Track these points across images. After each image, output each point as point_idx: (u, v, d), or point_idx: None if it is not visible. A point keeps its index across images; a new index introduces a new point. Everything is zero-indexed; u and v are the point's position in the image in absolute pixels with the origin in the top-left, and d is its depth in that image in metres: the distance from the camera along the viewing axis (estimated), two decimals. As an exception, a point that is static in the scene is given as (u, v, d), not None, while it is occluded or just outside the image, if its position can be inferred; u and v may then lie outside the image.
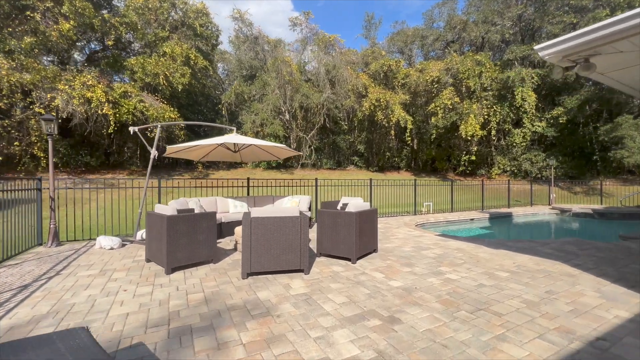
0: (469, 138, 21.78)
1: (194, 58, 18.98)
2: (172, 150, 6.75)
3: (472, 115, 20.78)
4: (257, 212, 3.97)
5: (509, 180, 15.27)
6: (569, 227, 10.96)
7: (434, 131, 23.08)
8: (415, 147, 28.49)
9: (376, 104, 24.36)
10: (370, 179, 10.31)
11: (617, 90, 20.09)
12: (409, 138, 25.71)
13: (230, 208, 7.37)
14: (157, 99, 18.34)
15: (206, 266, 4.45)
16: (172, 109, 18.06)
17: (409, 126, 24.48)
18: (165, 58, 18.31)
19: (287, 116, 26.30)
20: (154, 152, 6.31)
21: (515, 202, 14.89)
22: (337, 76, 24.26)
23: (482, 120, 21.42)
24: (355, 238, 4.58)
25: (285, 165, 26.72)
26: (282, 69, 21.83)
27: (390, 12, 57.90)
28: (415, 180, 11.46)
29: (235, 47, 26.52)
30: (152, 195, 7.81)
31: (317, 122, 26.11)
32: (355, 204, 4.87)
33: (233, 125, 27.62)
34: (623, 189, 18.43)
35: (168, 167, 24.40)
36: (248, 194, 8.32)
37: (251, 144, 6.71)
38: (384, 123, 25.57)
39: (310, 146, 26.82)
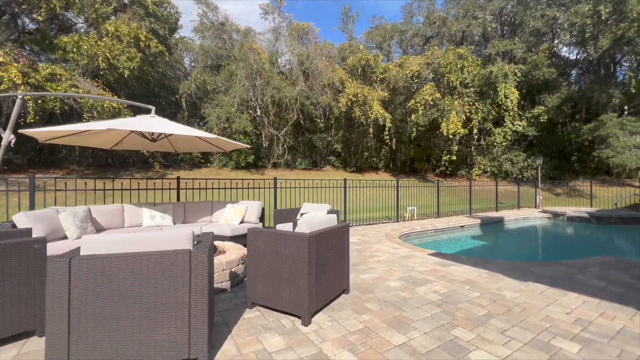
0: (451, 136, 20.61)
1: (144, 40, 16.32)
2: (47, 135, 4.50)
3: (453, 112, 19.60)
4: (94, 242, 1.89)
5: (496, 182, 14.01)
6: (572, 234, 9.67)
7: (414, 129, 21.77)
8: (394, 146, 27.16)
9: (353, 99, 22.69)
10: (345, 179, 8.46)
11: (599, 89, 19.81)
12: (388, 137, 24.28)
13: (145, 219, 5.20)
14: (99, 86, 15.54)
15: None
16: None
17: (388, 124, 23.01)
18: (109, 38, 15.55)
19: (259, 112, 24.09)
20: (6, 136, 4.04)
21: (500, 205, 13.66)
22: (311, 68, 22.36)
23: (464, 118, 20.32)
24: (308, 281, 2.63)
25: (256, 164, 24.48)
26: (250, 57, 19.60)
27: (368, 8, 56.94)
28: (397, 181, 9.75)
29: (199, 34, 23.91)
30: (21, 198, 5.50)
31: (291, 119, 24.07)
32: (313, 218, 2.93)
33: (195, 119, 25.04)
34: (601, 190, 17.84)
35: (119, 166, 21.42)
36: (178, 198, 6.16)
37: (172, 134, 4.57)
38: (361, 120, 23.96)
39: (283, 144, 24.74)
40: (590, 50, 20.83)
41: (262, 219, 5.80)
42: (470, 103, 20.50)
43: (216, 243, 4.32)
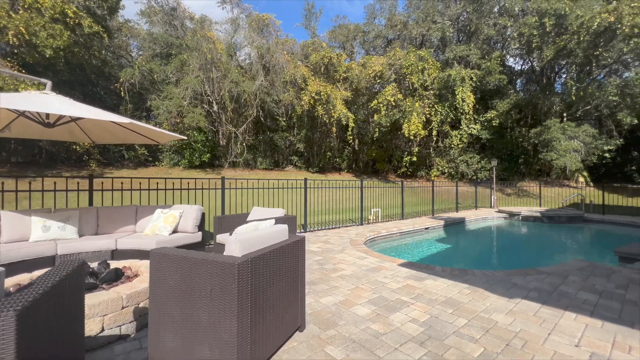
0: (412, 137, 20.81)
1: (73, 16, 13.95)
2: None
3: (414, 114, 19.79)
4: None
5: (457, 183, 14.15)
6: (532, 235, 9.80)
7: (377, 129, 21.67)
8: (356, 147, 27.00)
9: (316, 97, 22.02)
10: (305, 179, 7.60)
11: (543, 97, 21.30)
12: (351, 137, 24.02)
13: (35, 232, 3.86)
14: (13, 67, 12.94)
15: None
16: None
17: (351, 124, 22.70)
18: (26, 10, 13.03)
19: (215, 107, 22.37)
20: None
21: (459, 205, 13.80)
22: (272, 62, 21.25)
23: (424, 120, 20.65)
24: (238, 328, 1.72)
25: (212, 164, 22.72)
26: (204, 46, 17.94)
27: (332, 9, 56.98)
28: (361, 182, 9.14)
29: (146, 18, 21.53)
30: None
31: (250, 116, 22.71)
32: (251, 233, 2.03)
33: (140, 113, 22.52)
34: (545, 190, 19.02)
35: (47, 163, 18.37)
36: (90, 202, 4.82)
37: (79, 117, 3.32)
38: (324, 119, 23.37)
39: (242, 143, 23.27)
40: (534, 60, 22.43)
41: (202, 227, 4.71)
42: (430, 105, 20.90)
43: (129, 263, 3.20)
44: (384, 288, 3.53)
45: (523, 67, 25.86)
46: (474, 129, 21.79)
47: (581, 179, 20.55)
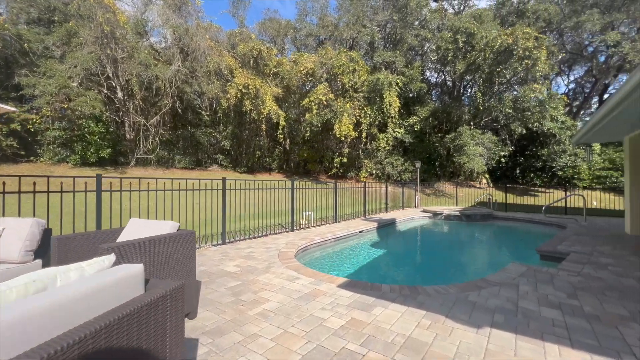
0: (343, 138, 20.77)
1: None
2: None
3: (345, 115, 19.75)
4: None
5: (386, 184, 14.28)
6: (455, 233, 10.12)
7: (308, 129, 21.02)
8: (287, 147, 25.97)
9: (244, 91, 20.26)
10: (224, 179, 6.20)
11: (456, 106, 23.63)
12: (282, 136, 22.86)
13: None
14: None
15: None
16: None
17: (282, 122, 21.59)
18: None
19: (119, 93, 18.67)
20: None
21: (384, 205, 13.97)
22: (191, 46, 18.72)
23: (354, 121, 20.82)
24: None
25: (115, 161, 18.91)
26: (99, 15, 14.57)
27: (262, 4, 54.82)
28: (292, 182, 8.12)
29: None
30: None
31: (165, 106, 19.65)
32: (39, 297, 0.72)
33: (9, 93, 17.39)
34: (459, 191, 21.00)
35: None
36: None
37: None
38: (253, 116, 21.74)
39: (155, 137, 19.98)
40: (448, 74, 24.87)
41: (44, 252, 3.00)
42: (360, 107, 21.19)
43: None
44: (322, 330, 2.53)
45: (437, 79, 28.57)
46: (399, 132, 22.94)
47: (484, 180, 23.44)
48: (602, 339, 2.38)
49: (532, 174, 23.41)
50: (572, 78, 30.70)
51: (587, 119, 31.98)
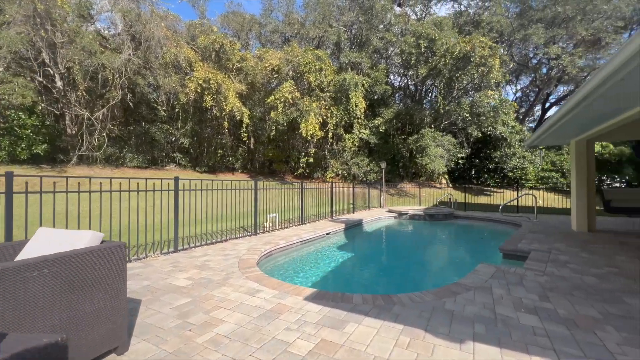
0: (309, 138, 20.44)
1: None
2: None
3: (312, 114, 19.44)
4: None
5: (353, 184, 14.18)
6: (421, 233, 10.20)
7: (274, 127, 20.37)
8: (252, 146, 25.04)
9: (204, 85, 19.10)
10: (176, 178, 5.51)
11: (418, 109, 24.42)
12: (246, 135, 21.95)
13: None
14: None
15: None
16: None
17: (246, 120, 20.72)
18: None
19: (59, 82, 16.59)
20: None
21: (350, 205, 13.88)
22: (145, 34, 17.19)
23: (321, 121, 20.59)
24: None
25: (52, 158, 16.79)
26: (30, -10, 12.70)
27: None
28: (255, 182, 7.57)
29: None
30: None
31: (114, 98, 17.82)
32: None
33: None
34: (420, 190, 21.62)
35: None
36: None
37: None
38: (215, 112, 20.60)
39: (101, 132, 18.07)
40: (411, 78, 25.67)
41: None
42: (327, 107, 21.02)
43: None
44: (287, 357, 2.12)
45: (401, 83, 29.41)
46: (365, 133, 23.16)
47: (444, 181, 24.50)
48: (585, 348, 2.25)
49: (485, 175, 24.94)
50: (519, 87, 33.40)
51: (532, 125, 35.02)
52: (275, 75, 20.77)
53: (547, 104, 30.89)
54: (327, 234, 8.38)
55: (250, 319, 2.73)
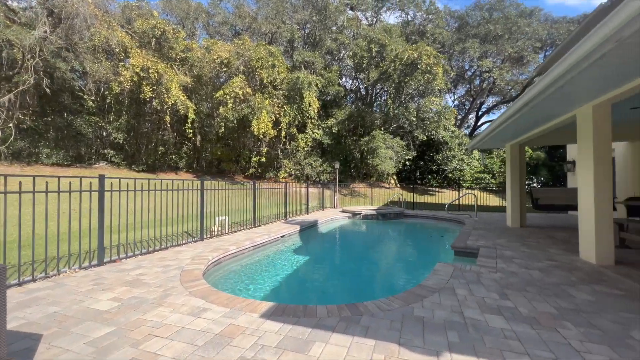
0: (261, 136, 19.66)
1: None
2: None
3: (264, 111, 18.72)
4: None
5: (307, 184, 13.90)
6: (376, 233, 10.27)
7: (223, 124, 19.15)
8: (198, 144, 23.31)
9: (142, 74, 17.19)
10: (102, 176, 4.60)
11: (369, 112, 25.14)
12: (191, 132, 20.32)
13: None
14: None
15: None
16: None
17: (191, 115, 19.18)
18: None
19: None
20: None
21: (304, 206, 13.60)
22: (66, 9, 14.81)
23: (274, 119, 19.95)
24: None
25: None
26: None
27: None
28: (202, 182, 6.80)
29: None
30: None
31: (25, 82, 15.03)
32: None
33: None
34: (371, 190, 22.26)
35: None
36: None
37: None
38: (155, 105, 18.68)
39: (8, 122, 15.14)
40: (362, 81, 26.38)
41: None
42: (280, 105, 20.45)
43: None
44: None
45: (352, 86, 30.10)
46: (318, 134, 23.10)
47: (392, 181, 25.61)
48: (554, 348, 2.22)
49: (429, 176, 26.71)
50: (456, 96, 36.59)
51: (466, 131, 38.63)
52: (225, 69, 19.58)
53: (480, 112, 34.33)
54: (282, 236, 7.94)
55: (194, 349, 2.21)
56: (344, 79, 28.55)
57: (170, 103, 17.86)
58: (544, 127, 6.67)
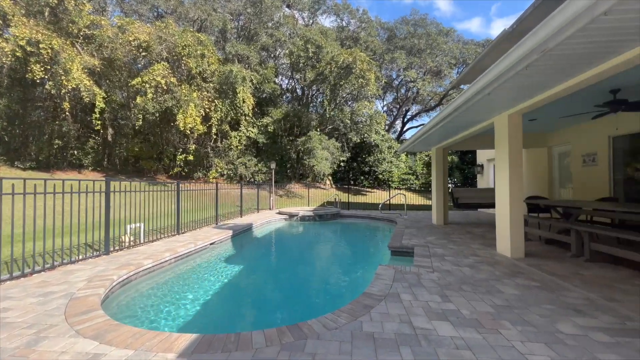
0: (188, 132, 17.84)
1: None
2: None
3: (192, 105, 16.99)
4: None
5: (241, 185, 13.02)
6: (314, 235, 9.99)
7: (141, 116, 16.75)
8: (109, 138, 20.05)
9: (30, 49, 13.94)
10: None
11: (305, 112, 25.03)
12: (100, 123, 17.32)
13: None
14: None
15: None
16: None
17: (100, 104, 16.34)
18: None
19: None
20: None
21: (237, 208, 12.72)
22: None
23: (203, 114, 18.29)
24: None
25: None
26: None
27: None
28: (107, 183, 5.57)
29: None
30: None
31: None
32: None
33: None
34: (308, 191, 22.25)
35: None
36: None
37: None
38: (49, 89, 15.33)
39: None
40: (299, 81, 26.21)
41: None
42: (210, 99, 18.86)
43: None
44: None
45: (288, 85, 29.73)
46: (252, 132, 22.08)
47: (328, 182, 26.03)
48: (502, 353, 2.18)
49: (361, 177, 27.95)
50: (385, 102, 39.26)
51: (394, 135, 41.78)
52: (144, 54, 17.18)
53: (406, 119, 37.43)
54: (212, 244, 7.09)
55: None
56: (280, 77, 27.97)
57: (70, 87, 14.85)
58: (465, 132, 7.30)
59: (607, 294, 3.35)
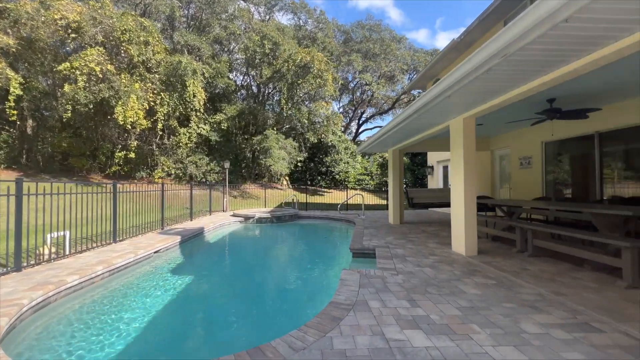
0: (129, 127, 16.07)
1: None
2: None
3: (133, 96, 15.30)
4: None
5: (191, 185, 12.05)
6: (271, 239, 9.55)
7: (69, 107, 14.61)
8: (29, 131, 17.23)
9: None
10: None
11: (262, 110, 24.22)
12: (15, 112, 14.77)
13: None
14: None
15: None
16: None
17: (15, 91, 13.96)
18: None
19: None
20: None
21: (187, 211, 11.74)
22: None
23: (147, 108, 16.61)
24: None
25: None
26: None
27: None
28: (19, 184, 4.58)
29: None
30: None
31: None
32: None
33: None
34: (265, 192, 21.55)
35: None
36: None
37: None
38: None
39: None
40: (254, 78, 25.32)
41: None
42: (155, 92, 17.21)
43: None
44: None
45: (244, 82, 28.60)
46: (204, 129, 20.73)
47: (285, 182, 25.55)
48: (478, 363, 2.10)
49: (319, 177, 27.99)
50: (341, 104, 39.94)
51: (349, 137, 42.73)
52: (73, 36, 15.04)
53: (361, 121, 38.46)
54: (156, 252, 6.32)
55: None
56: (235, 73, 26.72)
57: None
58: (422, 134, 7.53)
59: (554, 288, 3.56)
